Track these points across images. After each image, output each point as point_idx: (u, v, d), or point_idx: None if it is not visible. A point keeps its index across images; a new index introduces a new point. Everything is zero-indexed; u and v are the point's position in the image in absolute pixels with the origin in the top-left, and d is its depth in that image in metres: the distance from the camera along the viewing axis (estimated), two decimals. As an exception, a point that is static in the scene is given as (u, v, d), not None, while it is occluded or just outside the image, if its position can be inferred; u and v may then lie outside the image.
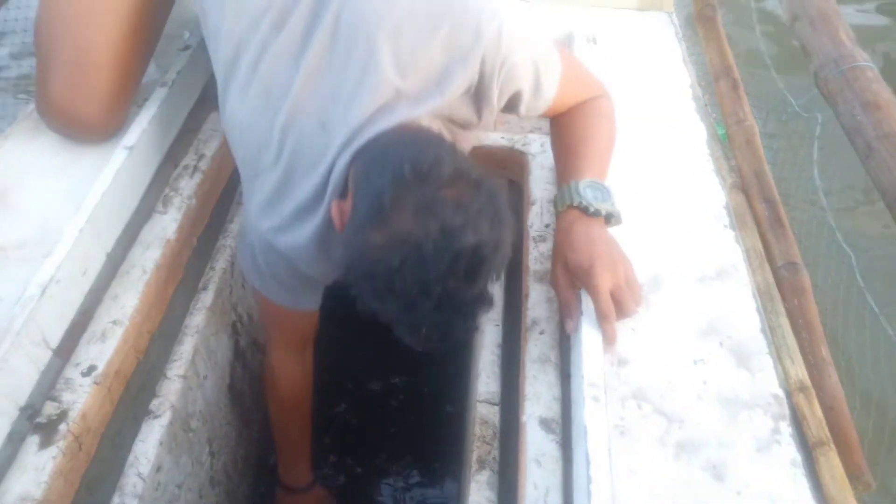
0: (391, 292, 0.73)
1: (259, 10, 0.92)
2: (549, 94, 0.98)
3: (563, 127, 1.05)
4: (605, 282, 0.86)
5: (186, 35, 1.38)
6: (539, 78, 0.96)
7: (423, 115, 0.88)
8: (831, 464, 0.77)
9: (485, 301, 0.77)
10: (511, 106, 0.98)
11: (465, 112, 0.94)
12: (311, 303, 1.11)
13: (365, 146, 0.85)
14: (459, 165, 0.77)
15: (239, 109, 0.95)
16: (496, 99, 0.93)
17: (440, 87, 0.88)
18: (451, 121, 0.94)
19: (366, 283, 0.74)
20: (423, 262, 0.70)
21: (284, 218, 0.92)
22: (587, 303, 0.89)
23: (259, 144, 0.93)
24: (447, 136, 0.93)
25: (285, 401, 1.24)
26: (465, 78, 0.89)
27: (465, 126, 0.96)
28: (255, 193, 0.95)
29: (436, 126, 0.91)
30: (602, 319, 0.87)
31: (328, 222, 0.88)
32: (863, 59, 1.14)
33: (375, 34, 0.87)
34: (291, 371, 1.21)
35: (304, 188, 0.89)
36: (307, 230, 0.90)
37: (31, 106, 1.22)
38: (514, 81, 0.93)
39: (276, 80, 0.91)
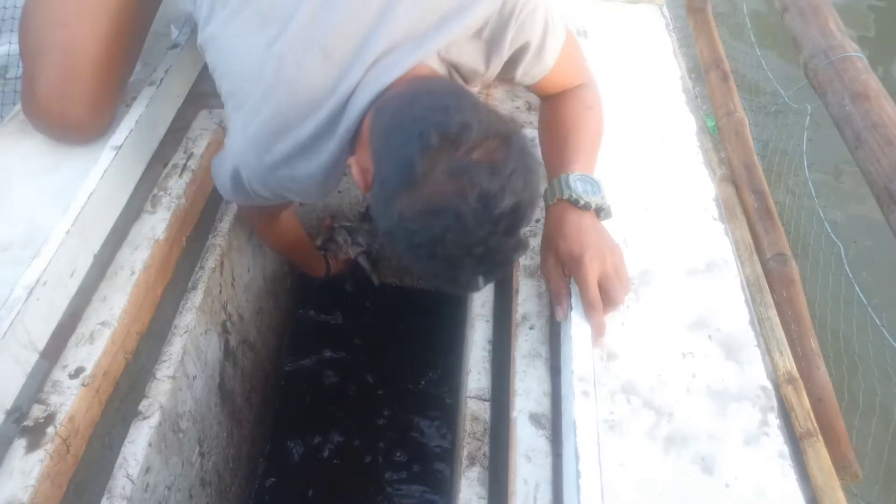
0: (433, 257, 0.73)
1: None
2: (550, 60, 0.98)
3: (552, 117, 1.04)
4: (593, 271, 0.86)
5: (175, 33, 1.38)
6: (546, 38, 0.95)
7: (432, 55, 0.87)
8: (819, 455, 0.77)
9: (521, 245, 0.79)
10: (512, 64, 0.96)
11: (474, 59, 0.92)
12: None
13: (381, 99, 0.84)
14: (485, 121, 0.74)
15: (225, 32, 0.92)
16: (507, 46, 0.91)
17: (458, 18, 0.86)
18: (457, 69, 0.92)
19: (405, 249, 0.75)
20: (464, 230, 0.71)
21: (283, 155, 0.90)
22: (576, 295, 0.89)
23: (247, 74, 0.90)
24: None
25: (277, 242, 1.42)
26: (486, 10, 0.87)
27: (468, 77, 0.94)
28: (241, 127, 0.93)
29: (443, 73, 0.90)
30: (589, 309, 0.86)
31: (335, 160, 0.88)
32: (852, 49, 1.13)
33: None
34: (272, 228, 1.32)
35: (307, 126, 0.87)
36: (310, 167, 0.90)
37: (18, 107, 1.21)
38: (526, 31, 0.92)
39: (277, 5, 0.88)
